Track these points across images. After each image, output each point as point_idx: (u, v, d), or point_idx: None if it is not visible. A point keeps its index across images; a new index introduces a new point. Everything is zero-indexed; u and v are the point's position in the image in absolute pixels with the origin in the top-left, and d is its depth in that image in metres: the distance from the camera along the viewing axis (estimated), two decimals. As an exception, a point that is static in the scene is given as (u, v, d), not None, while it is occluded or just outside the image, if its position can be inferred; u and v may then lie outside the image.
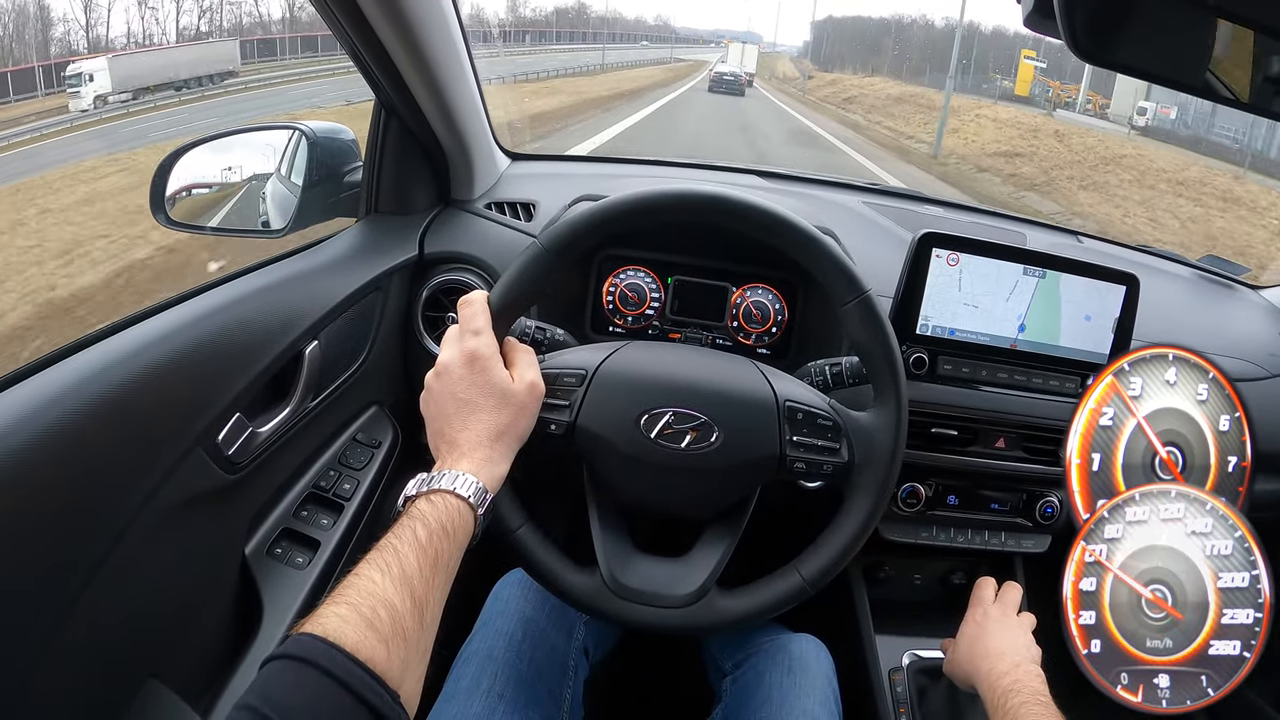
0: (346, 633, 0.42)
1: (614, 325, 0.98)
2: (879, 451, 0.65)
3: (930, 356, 0.83)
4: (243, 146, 0.98)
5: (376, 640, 0.42)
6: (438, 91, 0.88)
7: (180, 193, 0.91)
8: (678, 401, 0.66)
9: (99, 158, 7.46)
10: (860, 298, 0.65)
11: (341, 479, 0.87)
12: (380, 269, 0.91)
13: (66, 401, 0.55)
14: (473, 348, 0.60)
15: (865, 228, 1.07)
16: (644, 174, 1.29)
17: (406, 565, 0.48)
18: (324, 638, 0.41)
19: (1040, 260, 0.81)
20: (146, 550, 0.61)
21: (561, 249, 0.65)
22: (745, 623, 0.66)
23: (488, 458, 0.58)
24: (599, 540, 0.67)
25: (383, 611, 0.44)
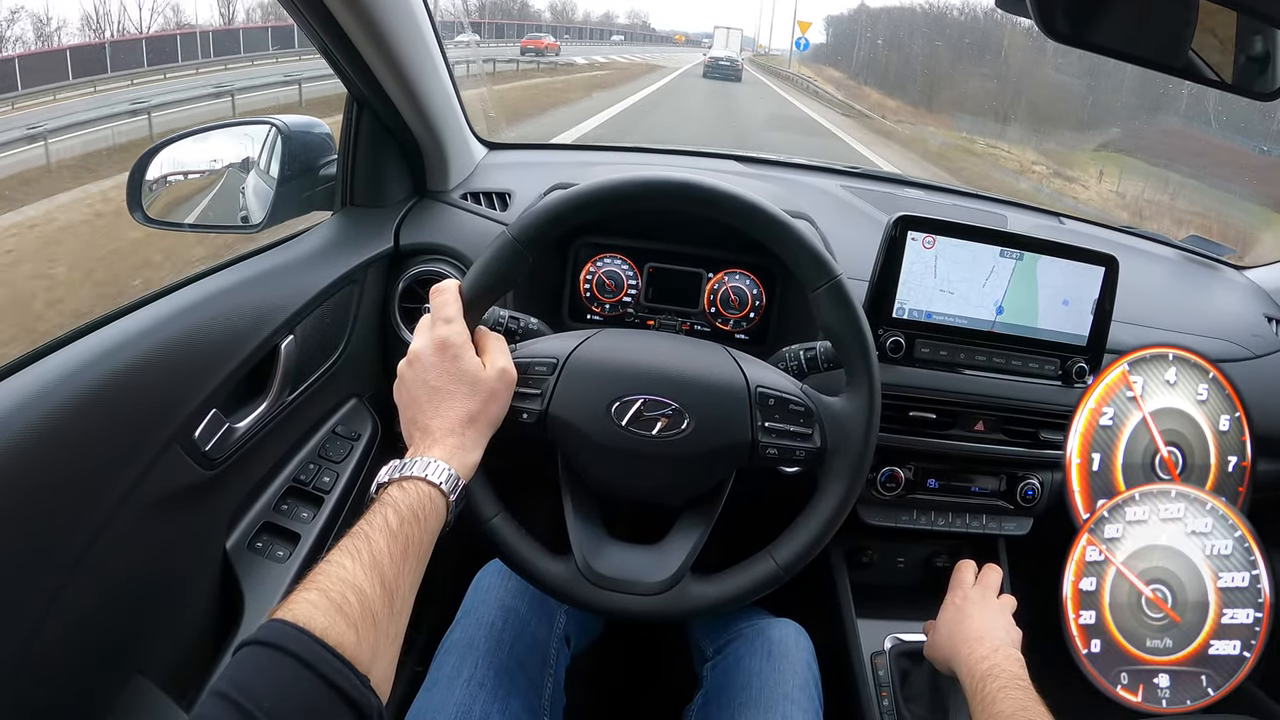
0: (316, 618, 0.42)
1: (591, 313, 0.98)
2: (851, 437, 0.65)
3: (907, 340, 0.83)
4: (219, 142, 0.97)
5: (345, 625, 0.43)
6: (407, 82, 0.87)
7: (158, 190, 0.91)
8: (648, 389, 0.66)
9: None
10: (831, 282, 0.65)
11: (321, 472, 0.87)
12: (355, 261, 0.90)
13: (41, 403, 0.55)
14: (444, 335, 0.60)
15: (843, 211, 1.07)
16: (622, 161, 1.28)
17: (377, 551, 0.48)
18: (294, 623, 0.42)
19: (1017, 242, 0.81)
20: (126, 548, 0.61)
21: (530, 239, 0.65)
22: (720, 609, 0.67)
23: (459, 444, 0.59)
24: (573, 528, 0.68)
25: (352, 596, 0.45)
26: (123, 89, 12.54)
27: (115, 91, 12.14)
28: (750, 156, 1.28)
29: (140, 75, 14.69)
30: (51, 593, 0.55)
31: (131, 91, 11.89)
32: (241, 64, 17.46)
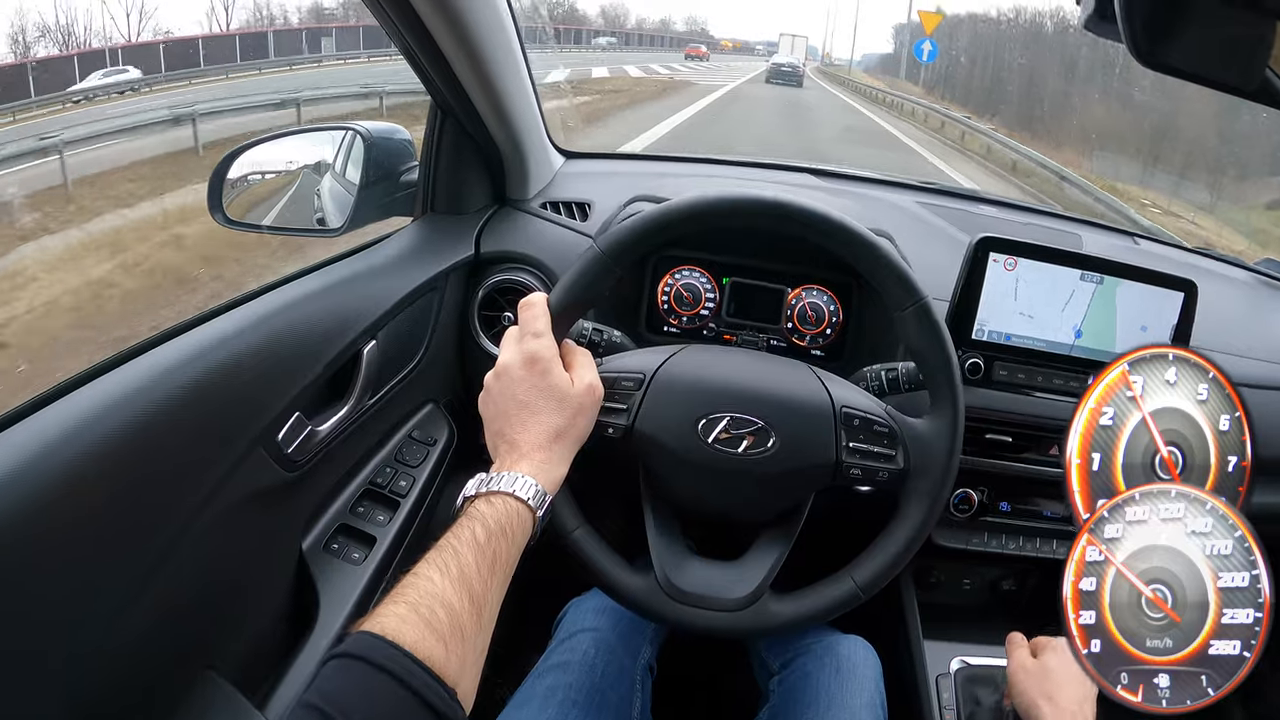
0: (405, 631, 0.43)
1: (668, 325, 0.97)
2: (934, 459, 0.65)
3: (986, 362, 0.82)
4: (297, 145, 1.00)
5: (434, 639, 0.43)
6: (493, 91, 0.88)
7: (238, 191, 0.93)
8: (735, 407, 0.66)
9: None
10: (918, 305, 0.65)
11: (398, 475, 0.87)
12: (437, 269, 0.91)
13: (132, 403, 0.56)
14: (533, 349, 0.60)
15: (920, 229, 1.06)
16: (698, 173, 1.29)
17: (465, 565, 0.48)
18: (383, 636, 0.42)
19: (1098, 265, 0.80)
20: (206, 547, 0.62)
21: (620, 253, 0.65)
22: (798, 627, 0.67)
23: (546, 459, 0.59)
24: (654, 543, 0.68)
25: (440, 611, 0.45)
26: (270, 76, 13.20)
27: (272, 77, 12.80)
28: (826, 170, 1.28)
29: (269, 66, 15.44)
30: (135, 589, 0.56)
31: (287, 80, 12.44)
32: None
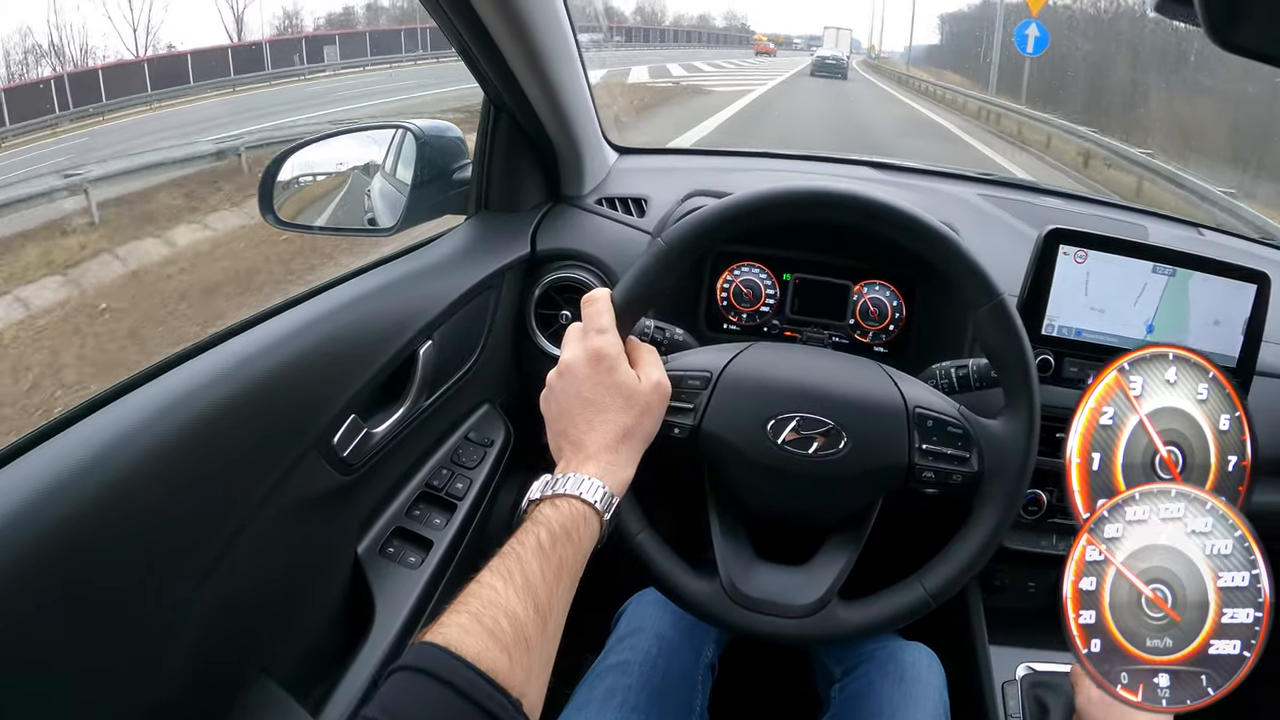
0: (468, 643, 0.42)
1: (728, 322, 0.96)
2: (1010, 461, 0.63)
3: (1055, 358, 0.80)
4: (347, 145, 0.99)
5: (499, 650, 0.42)
6: (548, 85, 0.86)
7: (289, 193, 0.93)
8: (805, 407, 0.64)
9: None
10: (995, 302, 0.63)
11: (454, 478, 0.86)
12: (493, 267, 0.90)
13: (187, 405, 0.55)
14: (598, 346, 0.58)
15: (983, 222, 1.04)
16: (754, 167, 1.26)
17: (529, 572, 0.47)
18: (446, 647, 0.41)
19: (1170, 257, 0.77)
20: (261, 551, 0.62)
21: (687, 249, 0.63)
22: (865, 635, 0.66)
23: (613, 460, 0.57)
24: (719, 547, 0.66)
25: (504, 621, 0.44)
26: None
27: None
28: (884, 163, 1.25)
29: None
30: (189, 592, 0.56)
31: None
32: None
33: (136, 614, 0.52)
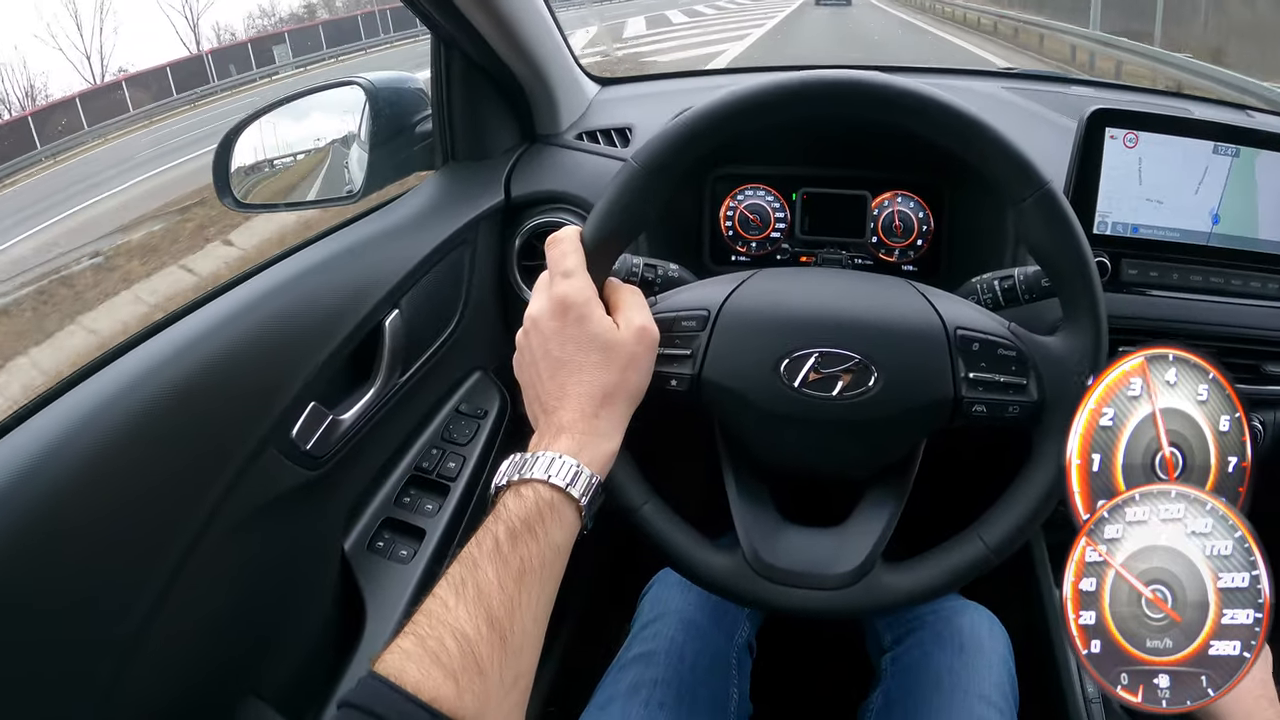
0: (409, 670, 0.39)
1: (736, 254, 0.88)
2: (1075, 385, 0.55)
3: (1112, 260, 0.73)
4: (312, 113, 0.91)
5: (442, 675, 0.39)
6: (498, 14, 0.78)
7: (249, 172, 0.86)
8: (824, 340, 0.55)
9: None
10: (1041, 192, 0.55)
11: (445, 457, 0.79)
12: (462, 220, 0.83)
13: (113, 409, 0.51)
14: (563, 293, 0.51)
15: (1012, 114, 0.94)
16: (749, 82, 1.19)
17: (482, 581, 0.42)
18: (386, 678, 0.38)
19: (1233, 135, 0.69)
20: (229, 561, 0.57)
21: (659, 165, 0.54)
22: (918, 602, 0.58)
23: (591, 429, 0.50)
24: (738, 513, 0.59)
25: (450, 641, 0.40)
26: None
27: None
28: (895, 67, 1.14)
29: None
30: (141, 617, 0.51)
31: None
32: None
33: (76, 646, 0.48)
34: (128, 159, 11.09)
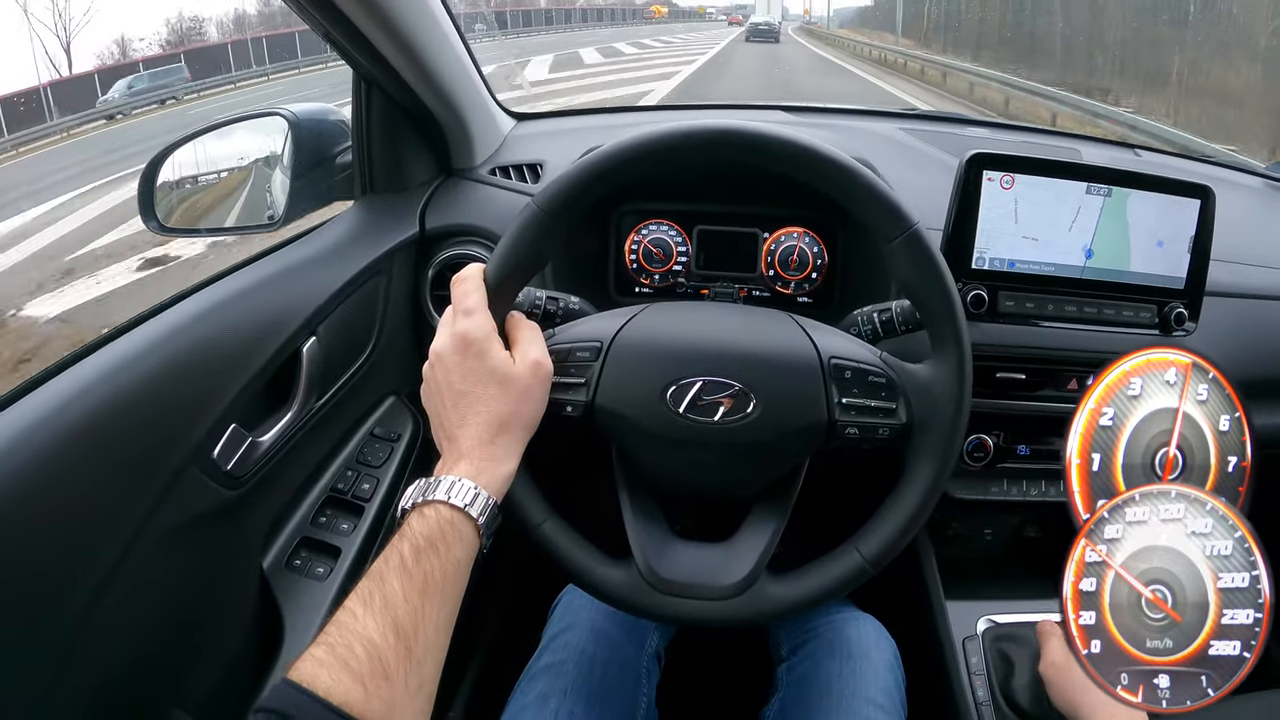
0: (320, 676, 0.41)
1: (640, 286, 0.91)
2: (941, 408, 0.59)
3: (989, 293, 0.76)
4: (237, 139, 0.94)
5: (352, 681, 0.41)
6: (413, 53, 0.80)
7: (174, 187, 0.87)
8: (707, 369, 0.59)
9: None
10: (908, 233, 0.58)
11: (360, 478, 0.82)
12: (379, 251, 0.85)
13: (37, 434, 0.51)
14: (464, 330, 0.55)
15: (906, 155, 0.98)
16: (661, 119, 1.23)
17: (389, 594, 0.45)
18: (298, 684, 0.40)
19: (1104, 176, 0.73)
20: (151, 580, 0.58)
21: (558, 207, 0.58)
22: (800, 610, 0.61)
23: (488, 455, 0.54)
24: (632, 530, 0.62)
25: (359, 648, 0.42)
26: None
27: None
28: (799, 106, 1.20)
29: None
30: (69, 634, 0.52)
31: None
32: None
33: (11, 659, 0.49)
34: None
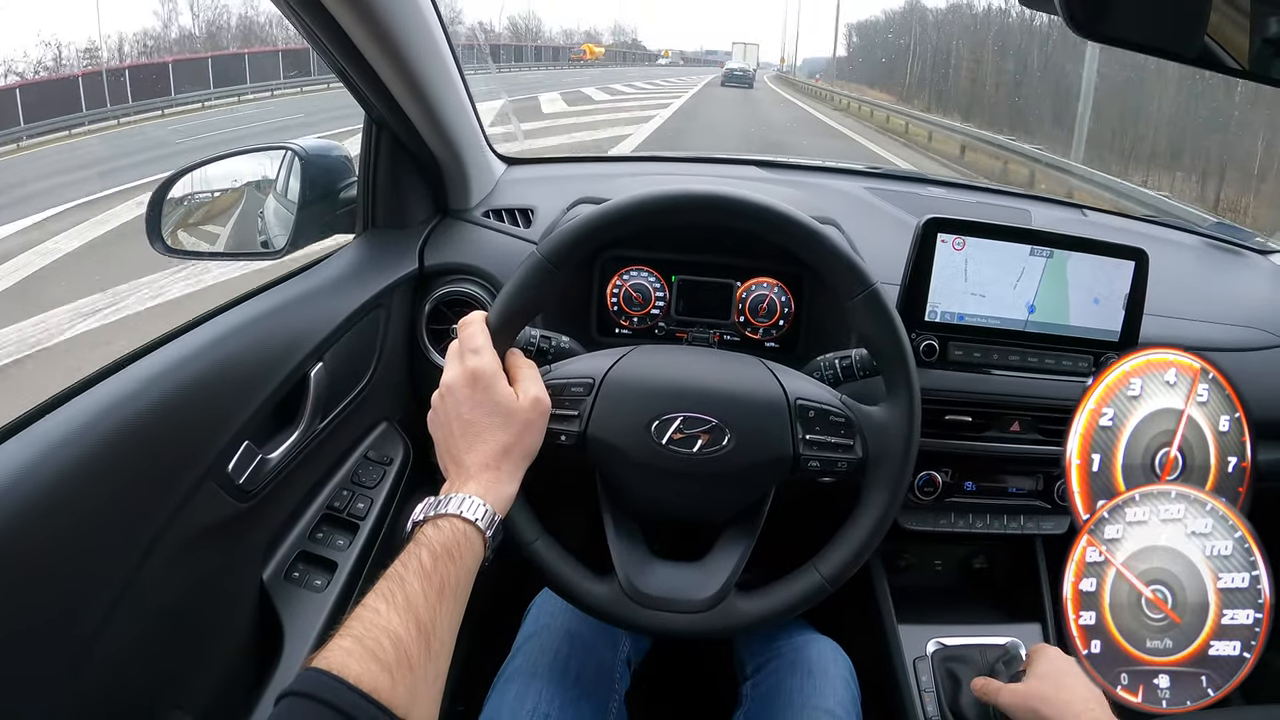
0: (350, 665, 0.43)
1: (620, 327, 0.97)
2: (893, 445, 0.65)
3: (940, 343, 0.82)
4: (236, 169, 0.97)
5: (380, 670, 0.43)
6: (425, 101, 0.86)
7: (177, 219, 0.90)
8: (687, 406, 0.65)
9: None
10: (867, 292, 0.64)
11: (355, 498, 0.87)
12: (381, 285, 0.90)
13: (75, 442, 0.54)
14: (474, 367, 0.60)
15: (868, 214, 1.06)
16: (643, 172, 1.27)
17: (410, 593, 0.48)
18: (329, 671, 0.42)
19: (1047, 240, 0.80)
20: (163, 584, 0.61)
21: (560, 259, 0.64)
22: (766, 624, 0.67)
23: (495, 478, 0.58)
24: (615, 548, 0.68)
25: (386, 641, 0.45)
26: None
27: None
28: (771, 161, 1.28)
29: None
30: (89, 634, 0.55)
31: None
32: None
33: (28, 659, 0.51)
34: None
